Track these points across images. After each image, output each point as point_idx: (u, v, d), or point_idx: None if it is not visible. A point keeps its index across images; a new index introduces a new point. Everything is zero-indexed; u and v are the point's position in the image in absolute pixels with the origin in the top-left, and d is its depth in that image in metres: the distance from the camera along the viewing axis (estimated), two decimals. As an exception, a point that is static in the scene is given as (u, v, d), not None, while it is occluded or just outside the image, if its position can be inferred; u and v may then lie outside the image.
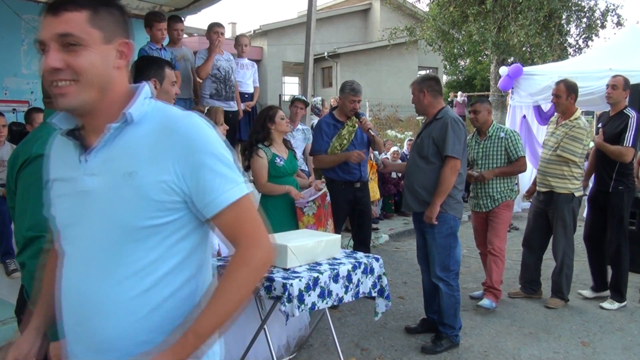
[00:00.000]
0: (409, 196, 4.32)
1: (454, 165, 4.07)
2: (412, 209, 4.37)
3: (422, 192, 4.20)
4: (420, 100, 4.31)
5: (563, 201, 5.06)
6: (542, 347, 4.31)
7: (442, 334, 4.23)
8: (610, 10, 18.64)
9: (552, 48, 17.25)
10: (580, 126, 4.99)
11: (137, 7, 6.84)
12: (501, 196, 5.01)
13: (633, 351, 4.25)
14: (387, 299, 3.68)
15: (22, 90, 6.86)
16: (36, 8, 6.73)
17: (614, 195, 5.10)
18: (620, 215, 5.13)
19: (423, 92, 4.26)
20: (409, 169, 4.37)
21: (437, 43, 20.32)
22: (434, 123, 4.21)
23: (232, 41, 6.80)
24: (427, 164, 4.18)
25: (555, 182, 5.07)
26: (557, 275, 5.21)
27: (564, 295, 5.20)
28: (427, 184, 4.17)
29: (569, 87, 5.09)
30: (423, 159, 4.21)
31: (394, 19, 24.67)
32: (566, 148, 4.99)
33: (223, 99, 5.91)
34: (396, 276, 6.15)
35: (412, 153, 4.38)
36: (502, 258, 5.05)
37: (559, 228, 5.14)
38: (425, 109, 4.32)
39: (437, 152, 4.13)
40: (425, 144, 4.20)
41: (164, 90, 3.00)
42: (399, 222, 9.33)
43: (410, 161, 4.41)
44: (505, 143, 4.97)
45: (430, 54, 22.77)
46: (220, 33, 5.99)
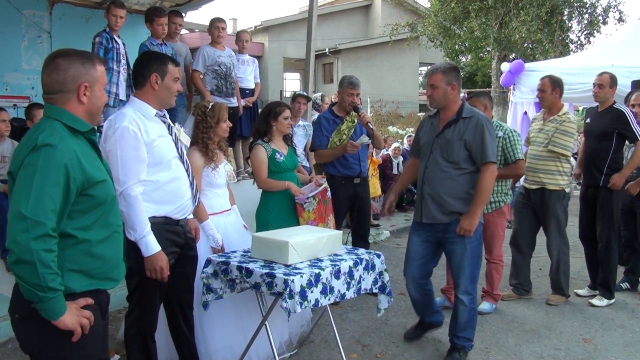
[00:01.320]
0: (432, 206, 3.79)
1: (493, 171, 3.68)
2: (436, 220, 3.80)
3: (451, 201, 3.74)
4: (446, 94, 3.76)
5: (555, 198, 4.97)
6: (544, 343, 4.30)
7: (458, 346, 3.94)
8: (612, 7, 18.63)
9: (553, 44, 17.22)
10: (570, 120, 4.92)
11: (137, 2, 6.84)
12: (494, 199, 4.75)
13: (634, 348, 4.24)
14: (389, 295, 3.68)
15: (23, 85, 6.85)
16: (36, 3, 6.73)
17: (604, 190, 5.05)
18: (610, 209, 5.07)
19: (452, 85, 3.72)
20: (432, 176, 3.81)
21: (439, 39, 20.30)
22: (461, 123, 3.73)
23: (233, 37, 6.79)
24: (457, 170, 3.73)
25: (547, 179, 4.96)
26: (555, 274, 5.16)
27: (564, 291, 5.16)
28: (457, 192, 3.74)
29: (553, 82, 5.01)
30: (452, 164, 3.73)
31: (395, 14, 24.65)
32: (558, 143, 4.88)
33: (224, 95, 5.90)
34: (397, 272, 6.13)
35: (433, 157, 3.81)
36: (501, 263, 4.93)
37: (553, 226, 5.04)
38: (448, 104, 3.80)
39: (469, 157, 3.70)
40: (455, 147, 3.70)
41: (166, 86, 2.98)
42: (400, 218, 9.33)
43: (431, 166, 3.83)
44: (502, 143, 4.67)
45: (432, 50, 22.72)
46: (221, 28, 5.98)
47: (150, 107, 2.96)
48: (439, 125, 3.85)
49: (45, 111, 2.19)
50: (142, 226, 2.78)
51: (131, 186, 2.78)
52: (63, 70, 2.14)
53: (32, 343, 2.14)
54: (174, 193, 3.02)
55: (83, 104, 2.18)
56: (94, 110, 2.24)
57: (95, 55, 2.31)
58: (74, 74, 2.15)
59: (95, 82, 2.20)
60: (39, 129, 2.08)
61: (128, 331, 3.09)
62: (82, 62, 2.17)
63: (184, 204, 3.08)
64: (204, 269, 3.40)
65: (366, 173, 5.22)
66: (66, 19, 6.96)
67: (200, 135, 3.71)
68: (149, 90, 2.96)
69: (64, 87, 2.14)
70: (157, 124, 2.99)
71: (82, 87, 2.16)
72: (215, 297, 3.39)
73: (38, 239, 1.93)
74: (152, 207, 2.92)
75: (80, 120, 2.17)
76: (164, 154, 2.95)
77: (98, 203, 2.18)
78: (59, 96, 2.15)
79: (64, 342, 2.09)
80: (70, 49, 2.24)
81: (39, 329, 2.08)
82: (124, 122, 2.81)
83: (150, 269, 2.84)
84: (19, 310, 2.12)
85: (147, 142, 2.85)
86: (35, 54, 6.85)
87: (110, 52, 5.13)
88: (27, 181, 1.97)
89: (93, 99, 2.21)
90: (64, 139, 2.07)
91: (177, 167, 3.03)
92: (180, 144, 3.15)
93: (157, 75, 2.94)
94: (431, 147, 3.85)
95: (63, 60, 2.15)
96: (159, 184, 2.94)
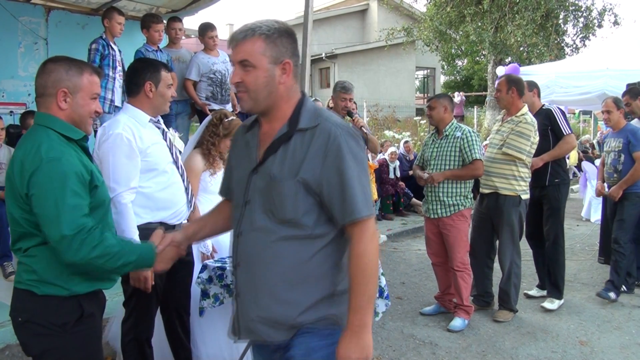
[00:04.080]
0: (254, 313, 2.04)
1: (374, 232, 3.61)
2: (268, 339, 1.93)
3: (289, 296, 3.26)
4: (271, 81, 3.19)
5: (509, 204, 4.68)
6: (540, 346, 4.31)
7: None
8: (607, 10, 18.72)
9: (549, 48, 17.30)
10: (527, 121, 4.62)
11: (133, 8, 6.84)
12: (453, 202, 4.59)
13: (631, 350, 4.25)
14: (387, 299, 3.68)
15: (20, 92, 6.84)
16: (33, 10, 6.73)
17: (551, 188, 5.01)
18: (557, 207, 5.04)
19: (283, 64, 1.87)
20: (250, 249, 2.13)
21: (435, 43, 20.38)
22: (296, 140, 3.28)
23: (229, 42, 6.78)
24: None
25: (500, 183, 4.69)
26: (505, 284, 4.83)
27: (512, 306, 4.86)
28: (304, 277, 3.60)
29: (509, 81, 4.76)
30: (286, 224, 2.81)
31: (391, 19, 24.72)
32: (512, 145, 4.59)
33: (219, 102, 5.89)
34: (394, 276, 6.15)
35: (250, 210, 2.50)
36: (467, 272, 4.66)
37: (505, 234, 4.74)
38: (276, 102, 3.52)
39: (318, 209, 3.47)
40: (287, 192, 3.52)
41: (160, 93, 2.97)
42: (397, 222, 9.34)
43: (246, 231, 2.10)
44: (460, 143, 4.54)
45: (428, 54, 22.79)
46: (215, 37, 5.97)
47: (144, 114, 2.96)
48: (258, 144, 1.98)
49: (36, 118, 2.20)
50: (130, 234, 2.78)
51: (122, 193, 2.78)
52: (47, 74, 2.16)
53: (36, 345, 2.17)
54: (169, 199, 3.02)
55: (62, 110, 2.17)
56: (77, 119, 2.22)
57: (88, 65, 2.30)
58: (55, 79, 2.16)
59: (77, 90, 2.19)
60: (36, 141, 2.08)
61: (125, 337, 3.08)
62: (67, 68, 2.18)
63: (180, 209, 3.09)
64: (200, 274, 3.40)
65: None
66: (62, 25, 6.96)
67: (207, 138, 3.70)
68: (144, 98, 2.96)
69: (45, 90, 2.17)
70: (152, 130, 2.99)
71: (61, 93, 2.16)
72: (217, 302, 3.38)
73: (89, 249, 2.03)
74: (148, 213, 2.93)
75: (72, 128, 2.19)
76: (159, 160, 2.96)
77: (97, 206, 2.21)
78: (42, 100, 2.18)
79: (67, 343, 2.14)
80: (64, 56, 2.25)
81: (42, 331, 2.12)
82: (118, 129, 2.81)
83: (135, 278, 2.82)
84: (22, 313, 2.16)
85: (141, 149, 2.85)
86: (32, 60, 6.85)
87: (106, 59, 5.14)
88: (49, 202, 2.02)
89: (74, 107, 2.19)
90: (62, 149, 2.09)
91: (172, 173, 3.04)
92: (175, 149, 3.15)
93: (151, 84, 2.94)
94: (245, 189, 1.96)
95: (51, 65, 2.19)
96: (154, 190, 2.94)
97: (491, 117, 17.67)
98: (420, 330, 4.61)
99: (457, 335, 4.48)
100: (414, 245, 7.88)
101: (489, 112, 18.59)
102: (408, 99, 26.07)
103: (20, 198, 2.07)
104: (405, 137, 11.82)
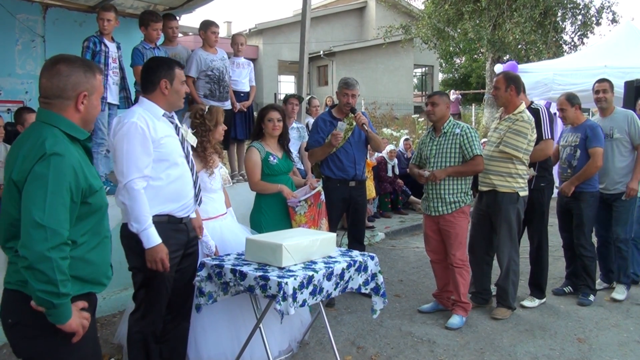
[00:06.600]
0: None
1: None
2: None
3: None
4: None
5: (507, 201, 4.68)
6: (538, 344, 4.31)
7: None
8: (606, 7, 18.73)
9: (547, 45, 17.30)
10: (524, 119, 4.60)
11: (131, 6, 6.84)
12: (454, 199, 4.60)
13: (629, 347, 4.26)
14: (384, 296, 3.68)
15: (17, 90, 6.84)
16: (30, 8, 6.72)
17: (535, 192, 4.96)
18: (542, 210, 5.03)
19: None
20: None
21: (433, 41, 20.38)
22: None
23: (227, 40, 6.78)
24: None
25: (498, 181, 4.68)
26: (503, 282, 4.84)
27: (510, 303, 4.86)
28: None
29: (508, 79, 4.74)
30: None
31: (389, 17, 24.73)
32: (509, 143, 4.58)
33: (217, 99, 5.88)
34: (392, 274, 6.15)
35: None
36: (466, 269, 4.69)
37: (504, 231, 4.74)
38: None
39: None
40: None
41: (175, 89, 3.07)
42: (395, 220, 9.33)
43: None
44: (460, 140, 4.56)
45: (426, 52, 22.79)
46: (217, 33, 5.98)
47: (158, 108, 3.05)
48: None
49: (40, 116, 2.18)
50: (144, 218, 2.87)
51: (134, 180, 2.86)
52: (65, 76, 2.13)
53: (27, 348, 2.14)
54: (178, 191, 3.09)
55: (80, 112, 2.18)
56: (89, 119, 2.25)
57: (94, 64, 2.32)
58: (75, 82, 2.14)
59: (94, 92, 2.21)
60: (41, 136, 2.07)
61: (131, 329, 3.14)
62: (84, 70, 2.17)
63: (187, 202, 3.15)
64: (198, 272, 3.40)
65: (362, 176, 5.19)
66: (60, 23, 6.95)
67: (199, 139, 3.71)
68: (159, 95, 3.05)
69: (63, 93, 2.14)
70: (165, 124, 3.07)
71: (81, 96, 2.16)
72: (210, 300, 3.39)
73: (56, 247, 1.97)
74: (157, 204, 2.99)
75: (78, 128, 2.18)
76: (170, 152, 3.03)
77: (94, 210, 2.20)
78: (57, 102, 2.14)
79: (59, 345, 2.10)
80: (72, 56, 2.25)
81: (32, 333, 2.09)
82: (133, 118, 2.91)
83: (151, 260, 2.91)
84: (12, 315, 2.13)
85: (154, 139, 2.94)
86: (29, 58, 6.85)
87: (97, 56, 5.14)
88: (40, 190, 1.99)
89: (89, 108, 2.22)
90: (67, 147, 2.08)
91: (182, 166, 3.11)
92: (187, 144, 3.23)
93: (166, 81, 3.03)
94: None
95: (65, 67, 2.15)
96: (164, 182, 3.01)
97: (489, 115, 17.68)
98: (418, 327, 4.61)
99: (455, 332, 4.48)
100: (412, 243, 7.88)
101: (487, 110, 18.60)
102: (406, 96, 26.10)
103: (18, 194, 2.04)
104: (405, 135, 11.80)
